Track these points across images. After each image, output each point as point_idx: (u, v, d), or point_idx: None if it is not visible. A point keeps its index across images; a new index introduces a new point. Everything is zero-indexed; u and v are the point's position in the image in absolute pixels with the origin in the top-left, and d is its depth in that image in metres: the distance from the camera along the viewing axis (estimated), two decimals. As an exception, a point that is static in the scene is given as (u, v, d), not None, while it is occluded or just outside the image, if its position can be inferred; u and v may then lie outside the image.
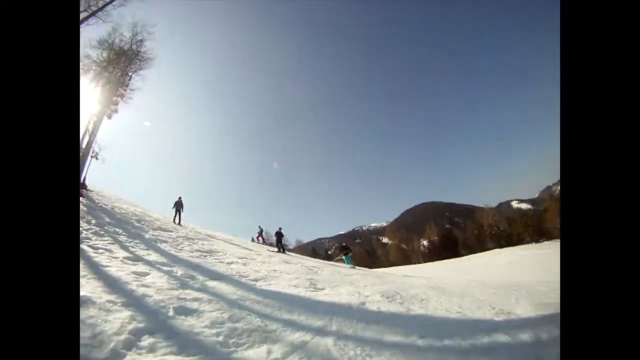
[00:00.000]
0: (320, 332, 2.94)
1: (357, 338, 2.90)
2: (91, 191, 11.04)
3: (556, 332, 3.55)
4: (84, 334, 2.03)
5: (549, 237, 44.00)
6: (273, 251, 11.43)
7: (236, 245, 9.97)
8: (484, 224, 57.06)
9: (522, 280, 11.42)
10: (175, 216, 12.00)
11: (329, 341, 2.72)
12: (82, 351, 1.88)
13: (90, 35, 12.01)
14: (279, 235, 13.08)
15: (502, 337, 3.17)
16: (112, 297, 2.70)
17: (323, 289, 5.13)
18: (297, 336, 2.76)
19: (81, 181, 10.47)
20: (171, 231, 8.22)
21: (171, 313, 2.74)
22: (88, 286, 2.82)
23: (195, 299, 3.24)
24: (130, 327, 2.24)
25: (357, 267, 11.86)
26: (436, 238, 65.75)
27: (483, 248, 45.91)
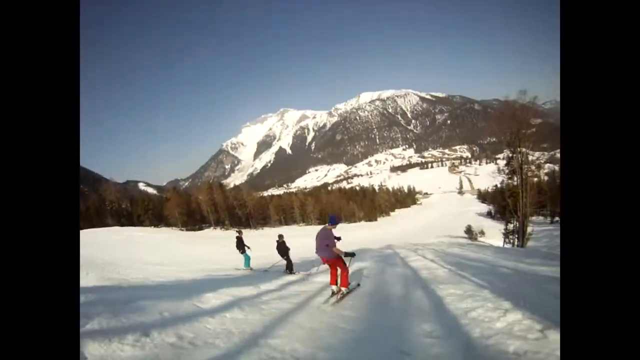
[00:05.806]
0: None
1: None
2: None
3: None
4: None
5: (167, 224, 48.97)
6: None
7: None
8: (107, 199, 54.07)
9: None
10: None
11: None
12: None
13: None
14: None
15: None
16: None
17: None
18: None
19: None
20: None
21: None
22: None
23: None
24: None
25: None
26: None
27: (103, 223, 44.91)
